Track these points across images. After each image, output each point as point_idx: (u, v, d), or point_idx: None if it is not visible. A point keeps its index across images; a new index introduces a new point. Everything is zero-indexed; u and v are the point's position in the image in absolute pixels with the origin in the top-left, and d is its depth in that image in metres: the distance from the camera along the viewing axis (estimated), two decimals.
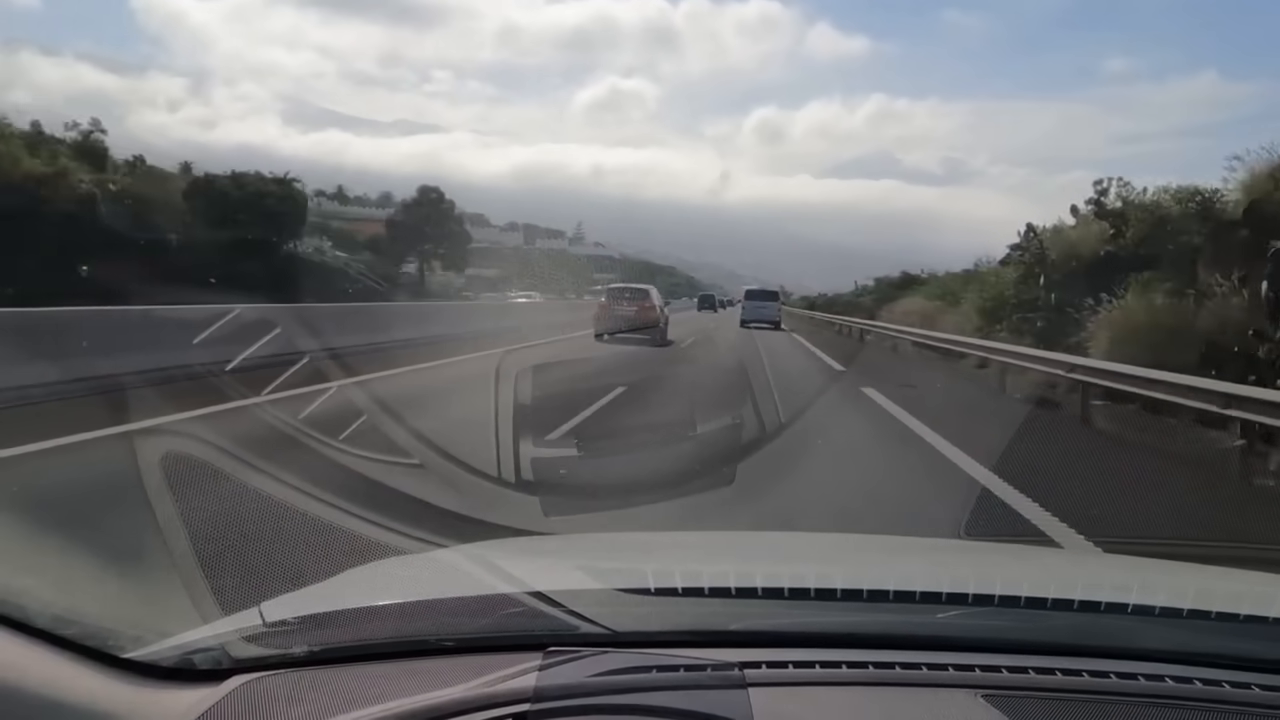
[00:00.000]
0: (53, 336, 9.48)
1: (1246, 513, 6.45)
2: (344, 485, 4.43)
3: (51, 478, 5.48)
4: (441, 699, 1.14)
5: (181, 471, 3.70)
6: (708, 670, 1.20)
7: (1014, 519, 5.30)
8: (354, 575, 1.84)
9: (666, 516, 4.54)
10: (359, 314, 18.35)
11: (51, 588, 1.56)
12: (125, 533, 3.43)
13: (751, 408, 8.83)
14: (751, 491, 5.38)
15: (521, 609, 1.36)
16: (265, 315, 9.80)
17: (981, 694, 1.19)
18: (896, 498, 6.20)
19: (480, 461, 5.30)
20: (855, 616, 1.42)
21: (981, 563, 2.14)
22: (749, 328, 32.72)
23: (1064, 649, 1.32)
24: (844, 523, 5.08)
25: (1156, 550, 2.15)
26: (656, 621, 1.39)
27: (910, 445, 8.21)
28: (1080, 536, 4.80)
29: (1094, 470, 7.82)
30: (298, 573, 2.95)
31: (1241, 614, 1.45)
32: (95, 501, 4.75)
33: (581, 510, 4.73)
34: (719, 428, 7.05)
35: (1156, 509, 6.05)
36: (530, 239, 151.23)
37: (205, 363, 8.46)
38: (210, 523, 3.54)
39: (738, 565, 1.86)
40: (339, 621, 1.36)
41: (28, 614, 1.21)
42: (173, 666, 1.24)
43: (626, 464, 6.53)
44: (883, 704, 1.20)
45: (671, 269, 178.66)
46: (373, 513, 3.28)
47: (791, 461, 6.73)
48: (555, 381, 10.78)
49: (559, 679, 1.17)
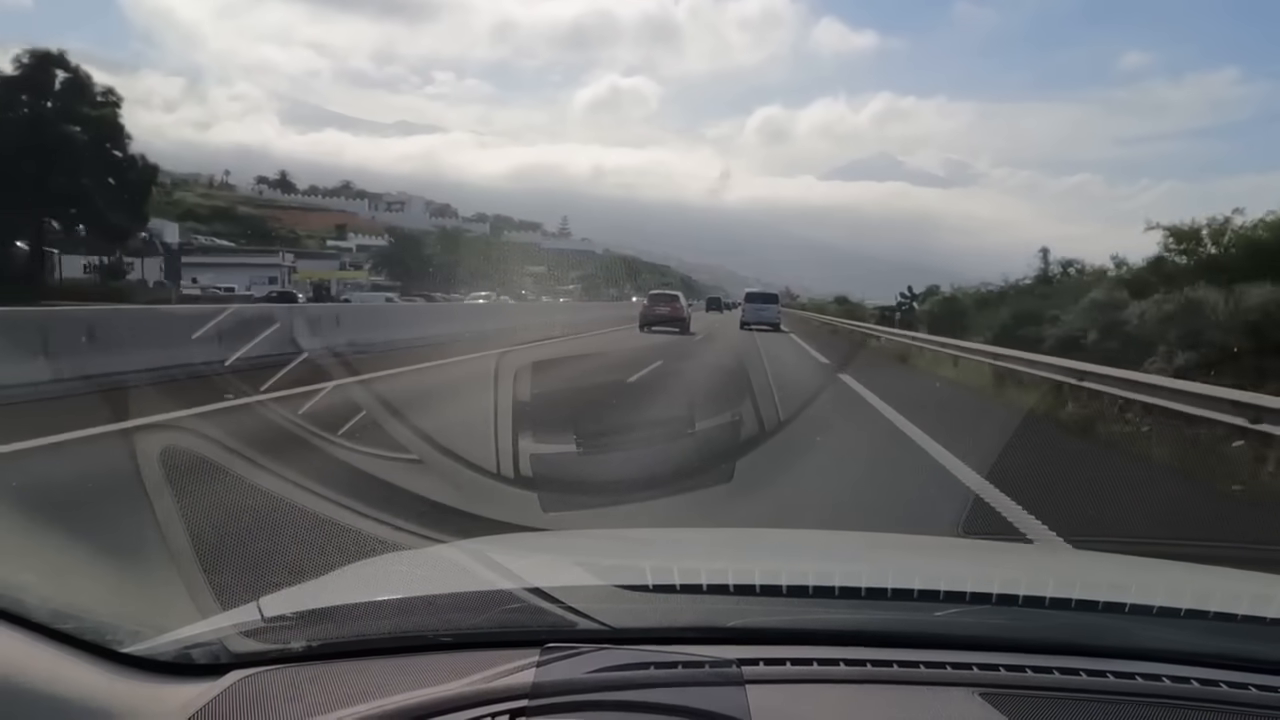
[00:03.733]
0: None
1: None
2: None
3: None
4: (440, 694, 1.14)
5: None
6: (705, 667, 1.20)
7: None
8: (352, 571, 1.84)
9: (665, 513, 4.54)
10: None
11: (50, 582, 1.57)
12: (124, 527, 3.44)
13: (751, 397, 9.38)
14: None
15: (520, 605, 1.36)
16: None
17: (979, 692, 1.19)
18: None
19: (479, 458, 5.31)
20: (853, 614, 1.42)
21: (979, 561, 2.15)
22: (749, 329, 32.94)
23: (1061, 648, 1.33)
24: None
25: (1154, 550, 2.15)
26: (654, 618, 1.39)
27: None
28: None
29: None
30: (296, 568, 2.96)
31: (1240, 614, 1.45)
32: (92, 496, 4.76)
33: (580, 506, 4.73)
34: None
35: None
36: (498, 231, 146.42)
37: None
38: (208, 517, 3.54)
39: (736, 562, 1.86)
40: (337, 617, 1.36)
41: (27, 608, 1.21)
42: (171, 661, 1.24)
43: (625, 461, 6.54)
44: (880, 702, 1.21)
45: (666, 268, 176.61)
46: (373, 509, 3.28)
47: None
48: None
49: (557, 675, 1.17)
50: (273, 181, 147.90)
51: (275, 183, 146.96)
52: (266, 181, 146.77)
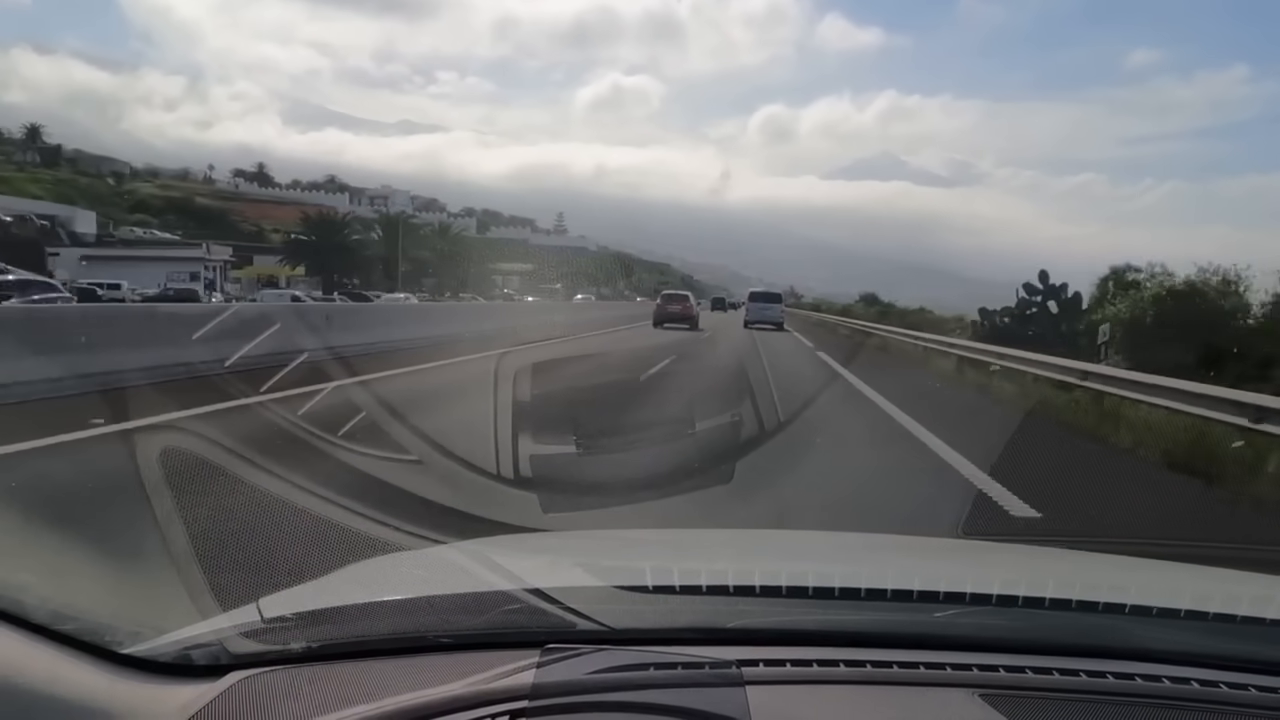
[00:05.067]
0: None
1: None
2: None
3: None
4: (439, 695, 1.14)
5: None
6: (705, 668, 1.20)
7: None
8: (352, 572, 1.84)
9: (667, 514, 4.54)
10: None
11: (50, 583, 1.57)
12: (124, 528, 3.44)
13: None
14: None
15: (519, 606, 1.36)
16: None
17: (979, 693, 1.19)
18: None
19: (479, 459, 5.30)
20: (853, 615, 1.42)
21: (979, 562, 2.15)
22: (752, 328, 33.01)
23: (1061, 649, 1.33)
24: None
25: (1154, 551, 2.15)
26: (654, 619, 1.39)
27: None
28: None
29: None
30: (296, 569, 2.95)
31: (1239, 615, 1.45)
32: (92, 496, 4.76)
33: (580, 507, 4.73)
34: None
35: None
36: (485, 227, 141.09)
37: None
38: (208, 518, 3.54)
39: (736, 563, 1.86)
40: (337, 618, 1.36)
41: (26, 609, 1.21)
42: (171, 662, 1.24)
43: (625, 461, 6.53)
44: (880, 703, 1.20)
45: (666, 266, 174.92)
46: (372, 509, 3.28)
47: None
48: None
49: (556, 676, 1.17)
50: (250, 174, 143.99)
51: (252, 175, 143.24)
52: (244, 174, 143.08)
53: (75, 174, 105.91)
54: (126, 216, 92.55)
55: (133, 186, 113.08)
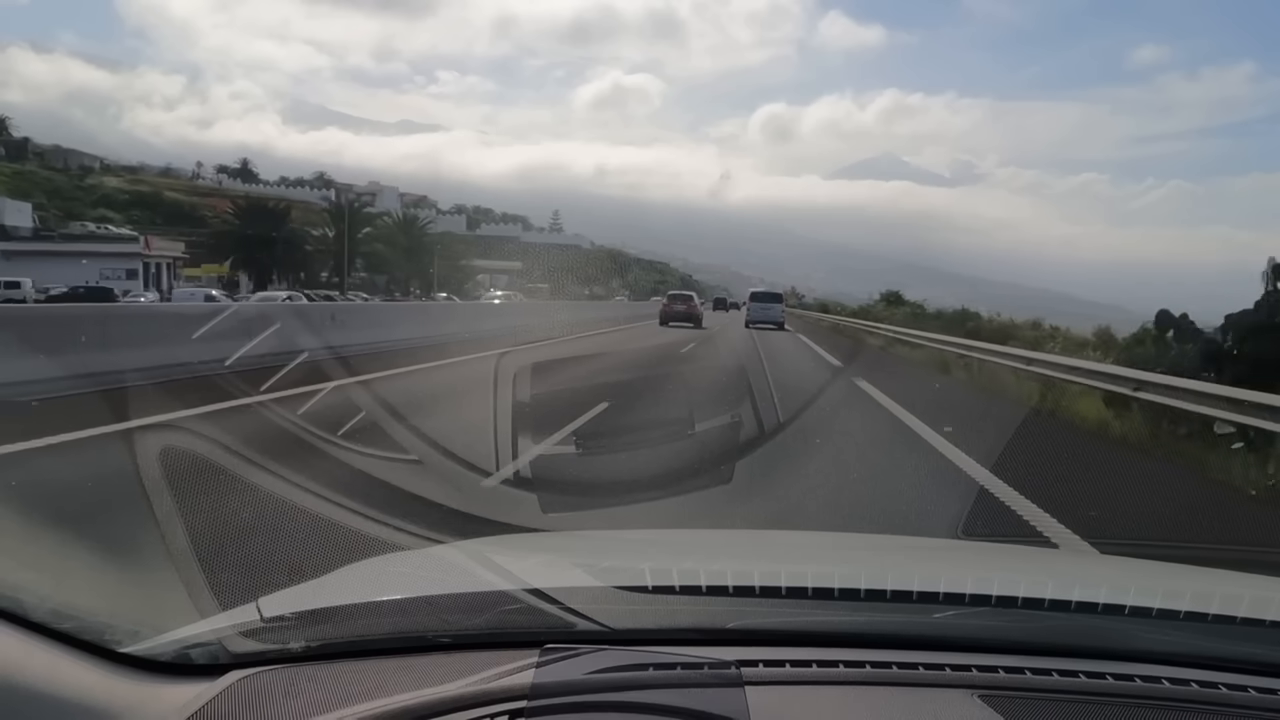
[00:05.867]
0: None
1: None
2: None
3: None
4: (438, 695, 1.14)
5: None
6: (704, 668, 1.20)
7: None
8: (352, 571, 1.84)
9: (666, 514, 4.54)
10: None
11: (50, 582, 1.57)
12: (124, 528, 3.44)
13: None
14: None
15: (519, 606, 1.36)
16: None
17: (978, 694, 1.19)
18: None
19: (479, 458, 5.31)
20: (852, 616, 1.42)
21: (978, 563, 2.15)
22: (754, 328, 33.07)
23: (1061, 650, 1.32)
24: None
25: (1153, 552, 2.15)
26: (653, 619, 1.39)
27: None
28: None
29: None
30: (296, 568, 2.96)
31: (1239, 616, 1.45)
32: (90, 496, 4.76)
33: (580, 508, 4.73)
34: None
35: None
36: (474, 224, 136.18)
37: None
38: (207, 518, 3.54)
39: (735, 564, 1.86)
40: (336, 617, 1.36)
41: (25, 608, 1.21)
42: (170, 661, 1.24)
43: (625, 461, 6.53)
44: (879, 703, 1.20)
45: (665, 265, 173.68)
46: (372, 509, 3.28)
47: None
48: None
49: (556, 676, 1.17)
50: (233, 170, 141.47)
51: (235, 171, 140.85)
52: (227, 170, 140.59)
53: (40, 168, 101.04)
54: (88, 211, 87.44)
55: (97, 180, 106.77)
